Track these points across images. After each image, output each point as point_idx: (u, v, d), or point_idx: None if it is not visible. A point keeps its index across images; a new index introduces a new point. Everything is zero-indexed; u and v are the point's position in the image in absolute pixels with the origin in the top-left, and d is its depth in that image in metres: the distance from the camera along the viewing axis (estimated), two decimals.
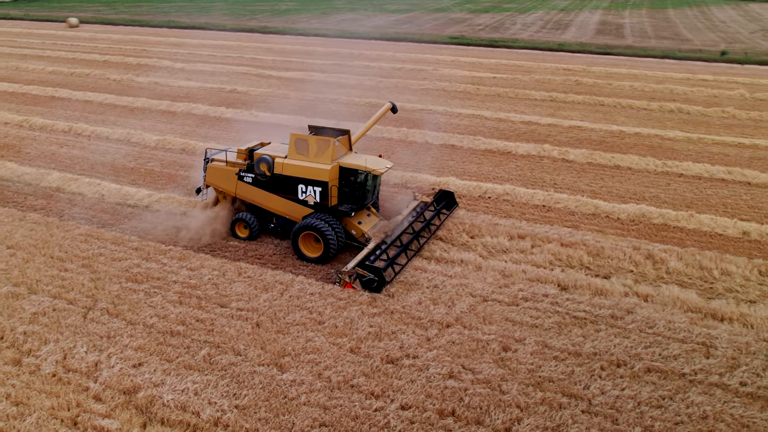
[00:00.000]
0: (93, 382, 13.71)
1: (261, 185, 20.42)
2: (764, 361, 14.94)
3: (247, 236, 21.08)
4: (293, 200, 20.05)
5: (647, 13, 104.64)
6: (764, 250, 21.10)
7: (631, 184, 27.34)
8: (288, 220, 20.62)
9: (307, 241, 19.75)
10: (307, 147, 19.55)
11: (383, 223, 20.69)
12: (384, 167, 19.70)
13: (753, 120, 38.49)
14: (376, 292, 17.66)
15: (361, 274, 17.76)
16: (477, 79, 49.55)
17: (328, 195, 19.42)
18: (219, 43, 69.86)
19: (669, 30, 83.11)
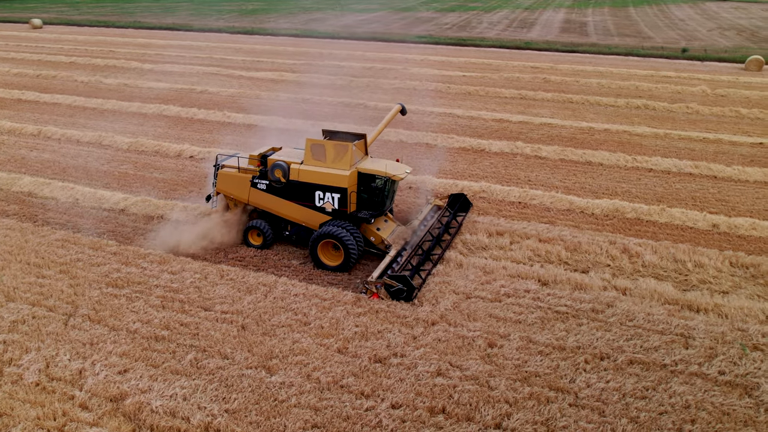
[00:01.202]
0: (78, 390, 13.45)
1: (275, 192, 19.80)
2: (740, 350, 15.39)
3: (261, 244, 20.47)
4: (310, 207, 19.46)
5: (609, 11, 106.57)
6: (733, 242, 21.72)
7: (604, 180, 27.86)
8: (304, 227, 20.09)
9: (326, 250, 19.23)
10: (324, 152, 18.96)
11: (401, 229, 20.39)
12: (403, 172, 19.22)
13: (715, 115, 39.56)
14: (405, 301, 17.25)
15: (390, 283, 17.37)
16: (447, 77, 49.89)
17: (346, 201, 18.91)
18: (187, 43, 68.99)
19: (631, 28, 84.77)
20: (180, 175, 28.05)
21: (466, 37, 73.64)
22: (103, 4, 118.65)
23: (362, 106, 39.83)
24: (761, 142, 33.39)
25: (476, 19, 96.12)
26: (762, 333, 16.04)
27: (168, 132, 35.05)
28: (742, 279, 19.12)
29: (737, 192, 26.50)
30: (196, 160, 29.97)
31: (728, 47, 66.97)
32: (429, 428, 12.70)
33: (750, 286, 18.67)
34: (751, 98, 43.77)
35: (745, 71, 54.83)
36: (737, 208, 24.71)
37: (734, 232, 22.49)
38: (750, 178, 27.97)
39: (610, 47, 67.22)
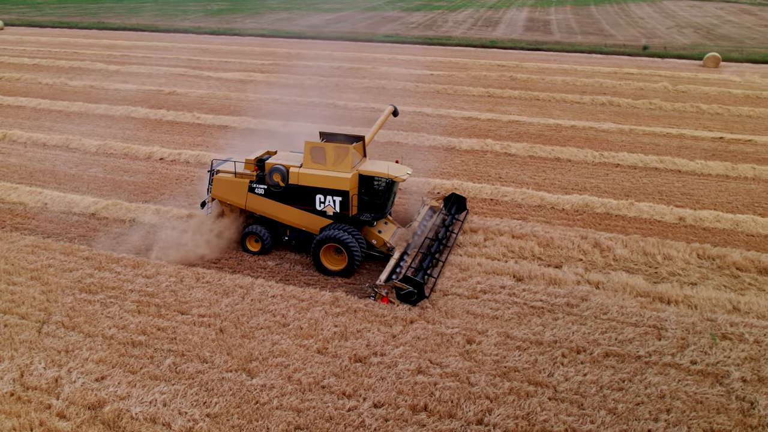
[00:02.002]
0: (55, 398, 13.17)
1: (274, 197, 19.42)
2: (710, 339, 15.82)
3: (259, 250, 20.08)
4: (310, 211, 19.14)
5: (572, 9, 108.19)
6: (699, 235, 22.30)
7: (572, 176, 28.31)
8: (304, 232, 19.75)
9: (328, 254, 18.97)
10: (324, 155, 18.66)
11: (402, 231, 20.23)
12: (405, 173, 19.03)
13: (677, 111, 40.51)
14: (413, 305, 17.11)
15: (400, 287, 17.19)
16: (415, 76, 50.07)
17: (348, 205, 18.65)
18: (153, 44, 67.89)
19: (593, 26, 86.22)
20: (151, 177, 27.62)
21: (433, 36, 73.99)
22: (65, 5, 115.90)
23: (332, 106, 39.73)
24: (721, 136, 34.31)
25: (442, 18, 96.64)
26: (730, 322, 16.52)
27: (137, 134, 34.48)
28: (708, 270, 19.65)
29: (701, 185, 27.21)
30: (166, 163, 29.55)
31: (686, 44, 68.61)
32: (412, 426, 12.77)
33: (717, 277, 19.20)
34: (710, 94, 44.94)
35: (703, 68, 56.23)
36: (701, 201, 25.37)
37: (700, 224, 23.10)
38: (712, 171, 28.72)
39: (574, 45, 68.29)
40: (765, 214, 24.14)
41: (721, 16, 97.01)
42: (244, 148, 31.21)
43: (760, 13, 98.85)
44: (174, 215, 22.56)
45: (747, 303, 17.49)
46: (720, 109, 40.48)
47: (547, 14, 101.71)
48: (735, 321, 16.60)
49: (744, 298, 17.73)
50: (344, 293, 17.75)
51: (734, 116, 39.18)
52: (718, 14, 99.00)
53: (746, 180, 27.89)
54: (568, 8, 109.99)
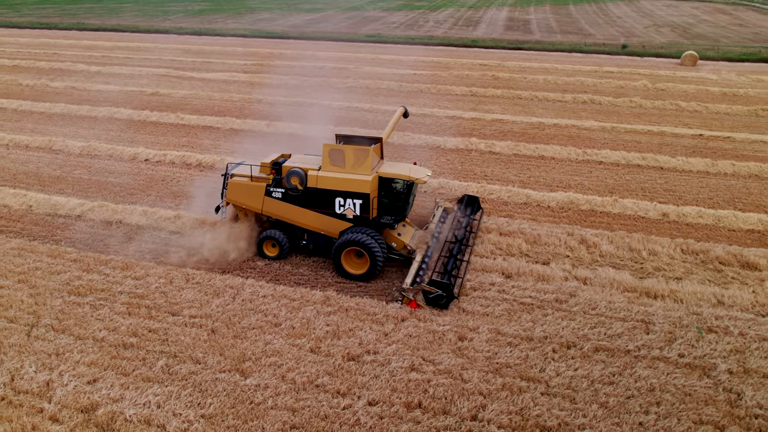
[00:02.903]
0: (47, 402, 13.04)
1: (292, 200, 19.08)
2: (697, 333, 16.10)
3: (277, 255, 19.79)
4: (329, 215, 18.84)
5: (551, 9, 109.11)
6: (682, 230, 22.65)
7: (557, 173, 28.58)
8: (322, 236, 19.49)
9: (349, 258, 18.76)
10: (344, 158, 18.40)
11: (420, 233, 20.10)
12: (425, 175, 18.86)
13: (657, 109, 41.05)
14: (443, 308, 17.01)
15: (428, 290, 17.08)
16: (399, 76, 50.16)
17: (369, 207, 18.38)
18: (134, 45, 67.28)
19: (572, 25, 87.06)
20: (136, 178, 27.40)
21: (415, 36, 74.18)
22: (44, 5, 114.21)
23: (317, 106, 39.65)
24: (701, 133, 34.85)
25: (423, 17, 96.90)
26: (715, 316, 16.82)
27: (121, 135, 34.18)
28: (693, 265, 19.97)
29: (683, 182, 27.62)
30: (151, 164, 29.32)
31: (664, 43, 69.55)
32: (407, 423, 12.83)
33: (701, 272, 19.52)
34: (689, 92, 45.61)
35: (681, 66, 57.03)
36: (684, 197, 25.77)
37: (683, 220, 23.45)
38: (693, 168, 29.18)
39: (554, 44, 68.89)
40: (745, 209, 24.57)
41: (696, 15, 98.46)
42: (229, 149, 31.31)
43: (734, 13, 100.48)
44: (161, 216, 22.42)
45: (731, 297, 17.81)
46: (699, 106, 41.10)
47: (526, 14, 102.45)
48: (720, 314, 16.90)
49: (728, 292, 18.04)
50: (335, 292, 17.77)
51: (713, 114, 39.82)
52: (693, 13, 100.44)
53: (726, 176, 28.37)
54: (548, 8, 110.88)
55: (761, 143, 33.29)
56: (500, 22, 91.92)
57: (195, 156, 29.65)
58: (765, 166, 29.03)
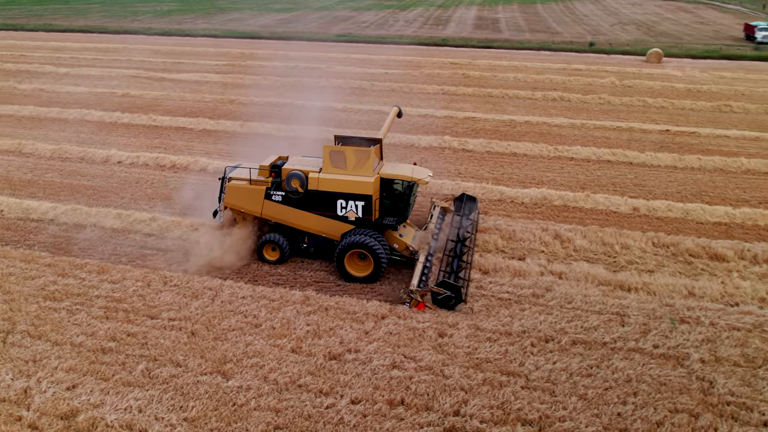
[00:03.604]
0: (26, 410, 12.81)
1: (292, 203, 18.91)
2: (670, 324, 16.50)
3: (277, 259, 19.58)
4: (331, 217, 18.71)
5: (518, 8, 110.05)
6: (653, 224, 23.16)
7: (529, 170, 28.96)
8: (324, 238, 19.32)
9: (352, 260, 18.62)
10: (345, 159, 18.27)
11: (421, 234, 20.05)
12: (426, 176, 18.84)
13: (625, 105, 41.82)
14: (450, 309, 16.99)
15: (437, 291, 17.04)
16: (370, 75, 50.19)
17: (371, 209, 18.27)
18: (103, 46, 66.17)
19: (540, 24, 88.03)
20: (109, 181, 27.06)
21: (385, 35, 74.25)
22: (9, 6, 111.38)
23: (289, 106, 39.52)
24: (667, 129, 35.64)
25: (393, 17, 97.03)
26: (687, 307, 17.25)
27: (92, 137, 33.69)
28: (664, 258, 20.44)
29: (652, 176, 28.22)
30: (124, 166, 28.97)
31: (630, 41, 70.72)
32: (390, 421, 12.91)
33: (672, 264, 20.00)
34: (655, 88, 46.51)
35: (646, 63, 58.08)
36: (653, 192, 26.33)
37: (653, 214, 23.98)
38: (662, 163, 29.83)
39: (523, 43, 69.59)
40: (712, 202, 25.21)
41: (659, 13, 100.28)
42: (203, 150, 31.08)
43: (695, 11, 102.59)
44: (136, 219, 22.17)
45: (701, 288, 18.29)
46: (665, 102, 41.98)
47: (495, 13, 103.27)
48: (691, 305, 17.35)
49: (698, 283, 18.52)
50: (315, 292, 17.80)
51: (678, 110, 40.70)
52: (657, 12, 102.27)
53: (693, 170, 29.06)
54: (515, 6, 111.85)
55: (725, 138, 34.16)
56: (469, 21, 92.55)
57: (168, 157, 29.37)
58: (729, 160, 29.81)
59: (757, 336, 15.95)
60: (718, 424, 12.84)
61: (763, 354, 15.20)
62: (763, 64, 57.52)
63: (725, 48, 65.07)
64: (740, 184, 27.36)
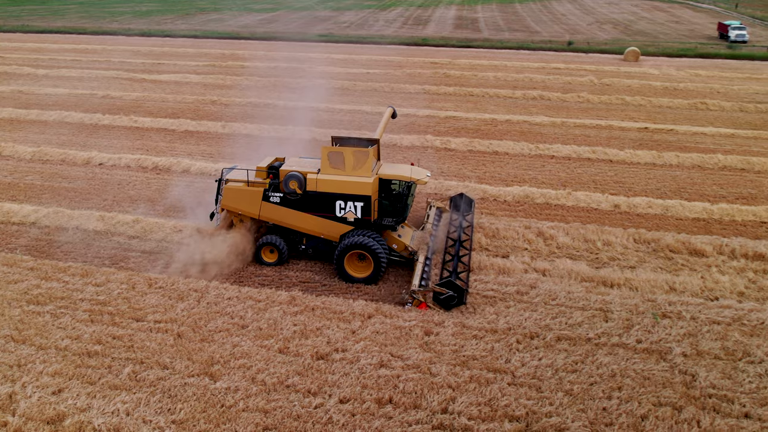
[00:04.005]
0: (11, 415, 12.67)
1: (291, 204, 18.80)
2: (652, 319, 16.76)
3: (276, 261, 19.45)
4: (330, 218, 18.62)
5: (497, 7, 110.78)
6: (633, 220, 23.49)
7: (511, 168, 29.20)
8: (322, 240, 19.20)
9: (351, 261, 18.54)
10: (343, 160, 18.17)
11: (419, 234, 20.02)
12: (425, 176, 18.82)
13: (604, 103, 42.33)
14: (448, 309, 16.96)
15: (439, 291, 17.02)
16: (352, 75, 50.23)
17: (370, 210, 18.21)
18: (81, 47, 65.45)
19: (519, 23, 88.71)
20: (91, 183, 26.80)
21: (366, 35, 74.30)
22: None
23: (271, 106, 39.43)
24: (646, 126, 36.17)
25: (373, 17, 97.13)
26: (668, 302, 17.55)
27: (73, 139, 33.36)
28: (645, 254, 20.75)
29: (631, 173, 28.62)
30: (106, 168, 28.72)
31: (607, 40, 71.58)
32: (379, 420, 12.97)
33: (653, 260, 20.31)
34: (633, 86, 47.15)
35: (624, 62, 58.84)
36: (633, 189, 26.70)
37: (633, 210, 24.33)
38: (641, 160, 30.25)
39: (502, 42, 70.10)
40: (690, 198, 25.64)
41: (636, 12, 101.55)
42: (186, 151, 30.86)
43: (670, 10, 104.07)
44: (120, 221, 21.98)
45: (682, 283, 18.61)
46: (643, 100, 42.56)
47: (474, 12, 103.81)
48: (673, 300, 17.64)
49: (679, 279, 18.85)
50: (300, 292, 17.80)
51: (656, 107, 41.30)
52: (633, 11, 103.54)
53: (671, 167, 29.51)
54: (494, 6, 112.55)
55: (702, 135, 34.74)
56: (449, 20, 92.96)
57: (151, 159, 29.19)
58: (706, 157, 30.32)
59: (736, 329, 16.27)
60: (701, 416, 13.08)
61: (742, 347, 15.51)
62: (736, 63, 58.59)
63: (700, 47, 66.16)
64: (717, 180, 27.85)
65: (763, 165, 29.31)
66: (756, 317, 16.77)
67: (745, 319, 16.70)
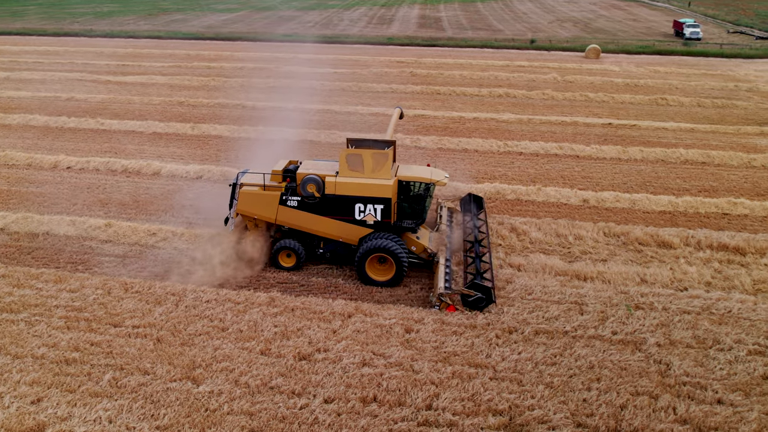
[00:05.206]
0: None
1: (308, 208, 18.49)
2: (626, 310, 17.19)
3: (293, 266, 19.16)
4: (349, 221, 18.36)
5: (460, 6, 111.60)
6: (602, 214, 24.01)
7: (481, 165, 29.53)
8: (341, 243, 18.93)
9: (372, 265, 18.31)
10: (362, 163, 17.92)
11: (435, 235, 19.89)
12: (443, 177, 18.68)
13: (568, 100, 43.08)
14: (480, 310, 16.91)
15: (467, 293, 16.96)
16: (319, 74, 50.02)
17: (390, 212, 18.02)
18: (43, 49, 63.89)
19: (481, 22, 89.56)
20: (59, 187, 26.23)
21: (331, 35, 74.10)
22: None
23: (240, 107, 39.14)
24: (610, 122, 36.95)
25: (337, 16, 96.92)
26: (641, 293, 18.04)
27: (38, 143, 32.63)
28: (615, 247, 21.24)
29: (598, 168, 29.22)
30: (74, 171, 28.17)
31: (568, 37, 72.78)
32: (364, 418, 13.05)
33: (623, 253, 20.81)
34: (595, 83, 48.08)
35: (585, 59, 59.94)
36: (601, 183, 27.28)
37: (602, 204, 24.86)
38: (606, 155, 30.92)
39: (466, 40, 70.70)
40: (656, 192, 26.31)
41: (594, 10, 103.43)
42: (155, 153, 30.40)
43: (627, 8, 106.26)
44: (91, 225, 21.58)
45: (652, 275, 19.13)
46: (605, 97, 43.44)
47: (437, 11, 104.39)
48: (644, 292, 18.14)
49: (649, 270, 19.37)
50: (279, 293, 17.77)
51: (618, 103, 42.19)
52: (591, 9, 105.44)
53: (636, 162, 30.23)
54: (456, 5, 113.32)
55: (664, 130, 35.65)
56: (413, 19, 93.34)
57: (120, 162, 28.74)
58: (669, 151, 31.14)
59: (705, 318, 16.81)
60: (676, 404, 13.51)
61: (712, 335, 16.03)
62: (692, 59, 60.18)
63: (658, 44, 67.79)
64: (680, 174, 28.63)
65: (722, 158, 30.24)
66: (723, 306, 17.36)
67: (714, 308, 17.27)
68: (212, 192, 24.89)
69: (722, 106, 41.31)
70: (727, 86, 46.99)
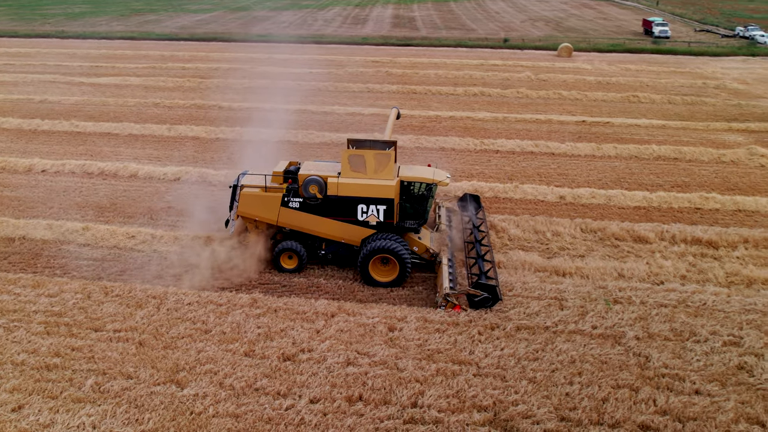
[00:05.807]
0: None
1: (310, 209, 18.36)
2: (605, 305, 17.50)
3: (295, 267, 19.01)
4: (351, 222, 18.26)
5: (433, 6, 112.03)
6: (579, 211, 24.37)
7: (459, 163, 29.73)
8: (343, 245, 18.83)
9: (375, 266, 18.22)
10: (364, 163, 17.83)
11: (436, 236, 19.84)
12: (445, 177, 18.67)
13: (542, 98, 43.56)
14: (488, 309, 16.93)
15: (474, 293, 16.95)
16: (295, 74, 49.85)
17: (392, 213, 17.93)
18: (14, 50, 62.69)
19: (455, 21, 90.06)
20: (34, 191, 25.80)
21: (306, 35, 73.80)
22: None
23: (216, 108, 38.88)
24: (583, 120, 37.47)
25: (311, 16, 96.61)
26: (619, 288, 18.38)
27: (11, 146, 32.04)
28: (593, 242, 21.59)
29: (573, 165, 29.63)
30: (49, 174, 27.72)
31: (541, 36, 73.53)
32: (351, 417, 13.11)
33: (600, 248, 21.15)
34: (568, 81, 48.69)
35: (558, 57, 60.63)
36: (576, 180, 27.66)
37: (578, 201, 25.23)
38: (581, 152, 31.34)
39: (440, 40, 71.03)
40: (630, 188, 26.77)
41: (565, 9, 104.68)
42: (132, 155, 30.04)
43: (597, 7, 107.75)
44: (68, 229, 21.26)
45: (629, 269, 19.48)
46: (578, 95, 44.02)
47: (411, 11, 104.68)
48: (622, 286, 18.48)
49: (626, 265, 19.72)
50: (261, 294, 17.74)
51: (591, 101, 42.79)
52: (562, 8, 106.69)
53: (610, 158, 30.71)
54: (430, 5, 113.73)
55: (636, 127, 36.27)
56: (387, 19, 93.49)
57: (96, 164, 28.36)
58: (642, 147, 31.69)
59: (682, 311, 17.19)
60: (656, 395, 13.81)
61: (689, 327, 16.40)
62: (661, 57, 61.24)
63: (628, 42, 68.88)
64: (654, 169, 29.16)
65: (693, 154, 30.87)
66: (699, 298, 17.78)
67: (689, 301, 17.67)
68: (190, 193, 24.69)
69: (692, 103, 42.13)
70: (695, 83, 47.93)
